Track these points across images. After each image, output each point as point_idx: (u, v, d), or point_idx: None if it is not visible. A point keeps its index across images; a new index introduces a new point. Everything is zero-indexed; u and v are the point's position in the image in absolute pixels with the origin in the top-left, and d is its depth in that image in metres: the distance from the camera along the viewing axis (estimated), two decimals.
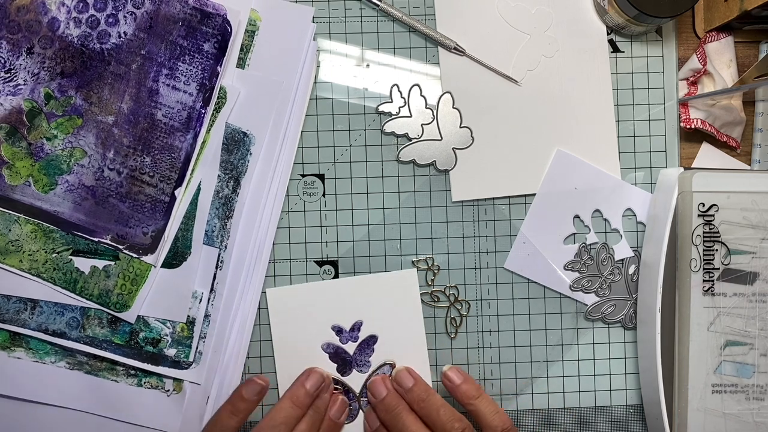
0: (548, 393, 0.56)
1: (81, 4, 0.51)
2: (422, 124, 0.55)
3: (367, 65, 0.55)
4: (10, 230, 0.52)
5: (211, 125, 0.53)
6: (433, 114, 0.55)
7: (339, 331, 0.54)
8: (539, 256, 0.55)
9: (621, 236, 0.55)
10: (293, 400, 0.51)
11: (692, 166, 0.56)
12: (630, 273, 0.55)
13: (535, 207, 0.55)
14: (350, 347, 0.55)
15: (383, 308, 0.55)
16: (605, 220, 0.55)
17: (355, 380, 0.55)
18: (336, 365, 0.55)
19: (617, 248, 0.55)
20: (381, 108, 0.55)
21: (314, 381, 0.52)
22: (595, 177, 0.55)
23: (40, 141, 0.52)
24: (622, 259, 0.55)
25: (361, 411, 0.55)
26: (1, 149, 0.51)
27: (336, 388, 0.54)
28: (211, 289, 0.53)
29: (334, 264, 0.55)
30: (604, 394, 0.56)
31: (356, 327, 0.55)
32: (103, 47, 0.52)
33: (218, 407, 0.52)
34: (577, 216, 0.55)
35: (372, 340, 0.55)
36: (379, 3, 0.54)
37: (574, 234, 0.55)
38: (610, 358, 0.55)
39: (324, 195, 0.55)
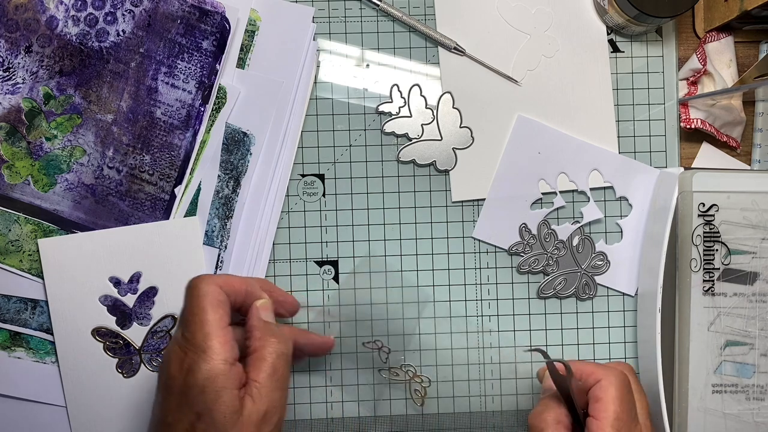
0: None
1: (79, 3, 0.51)
2: (422, 124, 0.54)
3: (367, 65, 0.55)
4: (10, 230, 0.52)
5: (211, 125, 0.52)
6: (433, 114, 0.55)
7: (117, 282, 0.52)
8: (506, 222, 0.55)
9: (588, 198, 0.55)
10: None
11: (692, 166, 0.56)
12: (575, 245, 0.55)
13: (500, 174, 0.55)
14: (129, 299, 0.52)
15: (163, 259, 0.52)
16: (572, 182, 0.55)
17: (135, 333, 0.52)
18: (115, 318, 0.52)
19: (585, 210, 0.55)
20: (381, 108, 0.54)
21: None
22: (557, 140, 0.55)
23: (40, 140, 0.51)
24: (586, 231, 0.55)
25: (143, 365, 0.52)
26: (1, 149, 0.51)
27: (115, 342, 0.52)
28: None
29: (334, 264, 0.55)
30: None
31: (135, 278, 0.52)
32: (102, 45, 0.51)
33: None
34: (542, 180, 0.55)
35: (152, 291, 0.52)
36: (379, 3, 0.54)
37: (541, 199, 0.55)
38: (610, 359, 0.55)
39: (324, 195, 0.55)
